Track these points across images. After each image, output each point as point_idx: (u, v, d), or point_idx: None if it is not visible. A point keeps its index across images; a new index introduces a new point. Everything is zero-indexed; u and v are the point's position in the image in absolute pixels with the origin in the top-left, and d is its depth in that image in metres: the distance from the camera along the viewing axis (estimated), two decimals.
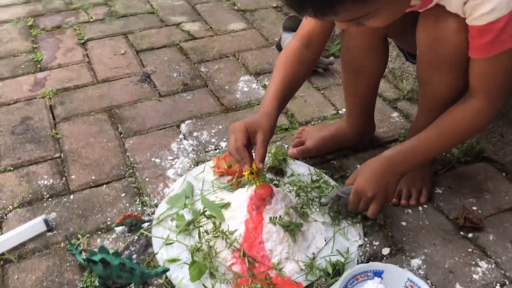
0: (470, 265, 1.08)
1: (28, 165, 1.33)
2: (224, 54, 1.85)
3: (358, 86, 1.29)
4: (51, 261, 1.08)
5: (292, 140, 1.39)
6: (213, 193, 1.21)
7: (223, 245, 1.06)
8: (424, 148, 1.08)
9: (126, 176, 1.30)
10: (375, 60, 1.24)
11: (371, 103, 1.35)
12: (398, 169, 1.08)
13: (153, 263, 1.07)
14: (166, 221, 1.15)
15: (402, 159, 1.08)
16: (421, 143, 1.08)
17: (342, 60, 1.28)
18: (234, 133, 1.06)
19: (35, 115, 1.51)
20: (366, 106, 1.35)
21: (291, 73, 1.16)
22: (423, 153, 1.09)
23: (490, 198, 1.24)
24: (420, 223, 1.18)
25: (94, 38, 1.93)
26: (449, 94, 1.09)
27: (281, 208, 1.08)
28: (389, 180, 1.07)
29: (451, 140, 1.10)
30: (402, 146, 1.10)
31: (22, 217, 1.18)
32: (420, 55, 1.09)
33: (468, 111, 1.04)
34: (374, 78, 1.29)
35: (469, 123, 1.06)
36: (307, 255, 1.07)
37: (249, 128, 1.07)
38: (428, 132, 1.08)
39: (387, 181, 1.07)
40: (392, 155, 1.09)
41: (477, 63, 0.99)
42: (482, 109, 1.03)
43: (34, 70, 1.73)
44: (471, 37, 0.96)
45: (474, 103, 1.03)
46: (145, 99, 1.60)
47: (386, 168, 1.07)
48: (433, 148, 1.09)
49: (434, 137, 1.08)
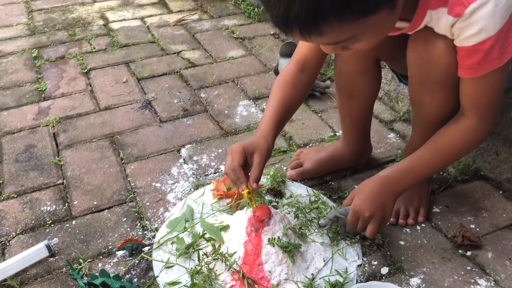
0: (469, 283, 1.08)
1: (31, 192, 1.35)
2: (223, 80, 1.89)
3: (353, 108, 1.32)
4: (53, 287, 1.09)
5: (290, 162, 1.41)
6: (213, 216, 1.22)
7: (223, 267, 1.07)
8: (419, 167, 1.10)
9: (127, 201, 1.32)
10: (368, 83, 1.27)
11: (367, 125, 1.38)
12: (394, 189, 1.09)
13: (153, 286, 1.08)
14: (166, 244, 1.16)
15: (398, 179, 1.10)
16: (416, 162, 1.10)
17: (336, 84, 1.31)
18: (232, 154, 1.09)
19: (39, 143, 1.55)
20: (362, 128, 1.37)
21: (287, 96, 1.19)
22: (418, 172, 1.11)
23: (487, 216, 1.25)
24: (418, 242, 1.19)
25: (96, 67, 1.98)
26: (441, 114, 1.11)
27: (280, 229, 1.09)
28: (386, 199, 1.09)
29: (445, 159, 1.11)
30: (397, 166, 1.12)
31: (24, 243, 1.19)
32: (411, 76, 1.12)
33: (460, 130, 1.06)
34: (368, 100, 1.32)
35: (461, 142, 1.07)
36: (306, 276, 1.07)
37: (246, 150, 1.09)
38: (422, 152, 1.10)
39: (383, 201, 1.08)
40: (387, 175, 1.10)
41: (466, 83, 1.02)
42: (474, 127, 1.05)
43: (38, 99, 1.77)
44: (459, 58, 0.99)
45: (466, 122, 1.05)
46: (146, 125, 1.63)
47: (382, 188, 1.09)
48: (427, 167, 1.11)
49: (428, 156, 1.09)
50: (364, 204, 1.07)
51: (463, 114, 1.05)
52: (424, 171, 1.11)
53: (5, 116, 1.68)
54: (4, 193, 1.35)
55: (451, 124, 1.07)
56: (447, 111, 1.10)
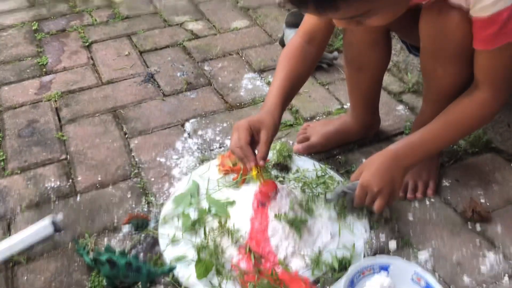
0: (478, 257, 1.07)
1: (35, 168, 1.34)
2: (227, 52, 1.85)
3: (362, 80, 1.28)
4: (59, 262, 1.09)
5: (297, 136, 1.39)
6: (219, 191, 1.21)
7: (229, 242, 1.06)
8: (430, 141, 1.07)
9: (132, 176, 1.30)
10: (378, 54, 1.23)
11: (375, 97, 1.35)
12: (403, 163, 1.07)
13: (160, 261, 1.07)
14: (172, 220, 1.15)
15: (407, 153, 1.07)
16: (426, 136, 1.07)
17: (345, 55, 1.27)
18: (238, 131, 1.06)
19: (41, 118, 1.53)
20: (371, 100, 1.34)
21: (294, 69, 1.16)
22: (429, 146, 1.08)
23: (498, 189, 1.23)
24: (427, 216, 1.17)
25: (98, 40, 1.94)
26: (454, 86, 1.08)
27: (286, 204, 1.08)
28: (395, 174, 1.07)
29: (457, 132, 1.09)
30: (407, 140, 1.09)
31: (29, 219, 1.19)
32: (423, 48, 1.08)
33: (473, 103, 1.03)
34: (378, 72, 1.29)
35: (474, 115, 1.05)
36: (313, 250, 1.06)
37: (253, 127, 1.07)
38: (433, 125, 1.07)
39: (392, 176, 1.06)
40: (397, 149, 1.08)
41: (481, 55, 0.98)
42: (487, 101, 1.02)
43: (39, 74, 1.74)
44: (474, 29, 0.95)
45: (479, 95, 1.02)
46: (149, 99, 1.61)
47: (391, 163, 1.07)
48: (438, 141, 1.09)
49: (439, 130, 1.07)
50: (373, 178, 1.05)
51: (476, 87, 1.02)
52: (435, 145, 1.09)
53: (6, 91, 1.66)
54: (7, 169, 1.34)
55: (464, 97, 1.04)
56: (460, 84, 1.06)
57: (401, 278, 0.99)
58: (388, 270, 1.00)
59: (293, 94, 1.19)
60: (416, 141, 1.08)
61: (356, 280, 0.99)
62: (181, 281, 1.02)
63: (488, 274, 1.03)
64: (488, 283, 1.02)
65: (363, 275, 1.00)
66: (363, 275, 1.00)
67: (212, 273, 1.02)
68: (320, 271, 1.04)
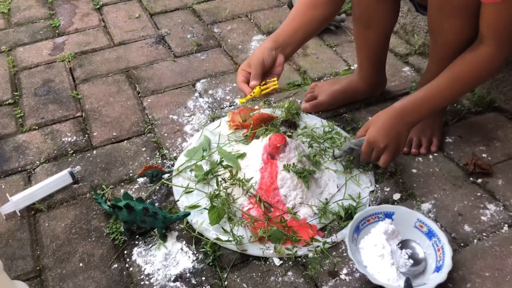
0: (479, 208, 1.12)
1: (52, 124, 1.39)
2: (236, 15, 1.87)
3: (369, 38, 1.31)
4: (78, 210, 1.14)
5: (304, 95, 1.42)
6: (229, 145, 1.26)
7: (240, 192, 1.11)
8: (435, 97, 1.10)
9: (146, 132, 1.35)
10: (386, 11, 1.25)
11: (382, 56, 1.37)
12: (409, 119, 1.10)
13: (174, 210, 1.12)
14: (185, 171, 1.20)
15: (413, 109, 1.10)
16: (431, 92, 1.10)
17: (353, 13, 1.29)
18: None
19: (56, 78, 1.57)
20: (377, 59, 1.36)
21: (306, 15, 1.19)
22: (434, 101, 1.11)
23: (500, 145, 1.27)
24: (430, 170, 1.21)
25: (109, 3, 1.96)
26: (460, 41, 1.10)
27: (295, 156, 1.12)
28: (400, 130, 1.10)
29: (461, 87, 1.11)
30: (412, 96, 1.12)
31: (48, 171, 1.24)
32: (430, 3, 1.10)
33: (478, 58, 1.06)
34: (385, 31, 1.31)
35: (479, 70, 1.07)
36: (320, 200, 1.11)
37: (245, 68, 1.17)
38: (438, 81, 1.10)
39: (398, 131, 1.10)
40: (403, 106, 1.11)
41: (488, 9, 1.00)
42: (492, 55, 1.04)
43: (52, 35, 1.78)
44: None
45: (484, 49, 1.04)
46: (161, 60, 1.64)
47: (397, 119, 1.10)
48: (443, 96, 1.11)
49: (444, 85, 1.09)
50: (379, 134, 1.09)
51: (481, 41, 1.05)
52: (440, 100, 1.12)
53: (21, 52, 1.69)
54: (25, 125, 1.39)
55: (469, 52, 1.07)
56: (466, 38, 1.08)
57: (404, 225, 1.04)
58: (392, 218, 1.05)
59: (304, 42, 1.23)
60: (422, 97, 1.11)
61: (362, 227, 1.04)
62: (195, 227, 1.07)
63: (488, 224, 1.08)
64: (488, 232, 1.07)
65: (368, 222, 1.05)
66: (368, 222, 1.05)
67: (224, 220, 1.07)
68: (327, 219, 1.09)
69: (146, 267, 1.02)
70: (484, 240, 1.05)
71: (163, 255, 1.04)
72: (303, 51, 1.64)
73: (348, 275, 0.99)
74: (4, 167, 1.26)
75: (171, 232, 1.08)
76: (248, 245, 1.04)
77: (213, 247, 1.03)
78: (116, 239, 1.07)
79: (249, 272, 1.00)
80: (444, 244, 0.97)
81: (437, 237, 1.00)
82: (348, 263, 1.01)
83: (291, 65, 1.59)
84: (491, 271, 0.99)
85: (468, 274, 0.98)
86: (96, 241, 1.07)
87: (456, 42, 1.10)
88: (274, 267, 1.01)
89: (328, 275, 0.99)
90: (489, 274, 0.98)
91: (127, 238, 1.07)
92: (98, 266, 1.02)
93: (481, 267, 1.00)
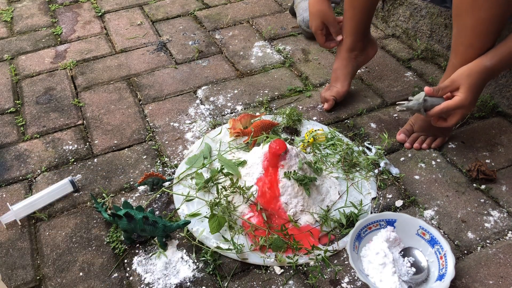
0: (483, 214, 1.10)
1: (53, 132, 1.39)
2: (238, 21, 1.87)
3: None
4: (78, 219, 1.14)
5: (320, 95, 1.44)
6: (230, 153, 1.25)
7: (241, 200, 1.10)
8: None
9: (147, 139, 1.35)
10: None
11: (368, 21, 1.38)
12: (492, 78, 1.11)
13: (175, 218, 1.12)
14: (186, 179, 1.20)
15: (499, 68, 1.07)
16: None
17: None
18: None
19: (58, 86, 1.57)
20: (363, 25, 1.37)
21: None
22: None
23: (503, 151, 1.26)
24: (433, 176, 1.20)
25: (110, 10, 1.97)
26: (494, 17, 1.03)
27: (295, 163, 1.11)
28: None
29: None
30: (500, 55, 1.06)
31: (49, 179, 1.24)
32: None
33: None
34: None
35: None
36: (322, 208, 1.10)
37: None
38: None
39: (480, 94, 1.09)
40: (493, 68, 1.06)
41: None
42: None
43: (54, 43, 1.78)
44: None
45: None
46: (162, 67, 1.64)
47: (486, 81, 1.08)
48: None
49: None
50: (474, 101, 1.07)
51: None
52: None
53: (23, 60, 1.70)
54: (27, 133, 1.39)
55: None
56: (500, 13, 1.02)
57: (406, 232, 1.03)
58: (394, 225, 1.03)
59: None
60: (507, 55, 1.05)
61: (363, 234, 1.03)
62: (195, 235, 1.06)
63: (492, 231, 1.07)
64: (492, 239, 1.05)
65: (369, 230, 1.04)
66: (370, 230, 1.04)
67: (225, 229, 1.06)
68: (328, 227, 1.08)
69: (146, 276, 1.01)
70: (488, 248, 1.03)
71: (163, 264, 1.03)
72: (304, 57, 1.64)
73: (349, 284, 0.98)
74: (5, 176, 1.26)
75: (172, 241, 1.07)
76: (248, 253, 1.03)
77: (214, 256, 1.02)
78: (117, 248, 1.07)
79: (250, 281, 0.99)
80: (447, 252, 0.96)
81: (439, 245, 0.98)
82: (349, 271, 1.00)
83: (293, 71, 1.59)
84: (495, 279, 0.97)
85: (472, 282, 0.97)
86: (96, 250, 1.07)
87: (489, 19, 1.03)
88: (275, 276, 1.00)
89: (329, 284, 0.98)
90: (493, 282, 0.97)
91: (128, 247, 1.07)
92: (98, 276, 1.02)
93: (484, 275, 0.98)
